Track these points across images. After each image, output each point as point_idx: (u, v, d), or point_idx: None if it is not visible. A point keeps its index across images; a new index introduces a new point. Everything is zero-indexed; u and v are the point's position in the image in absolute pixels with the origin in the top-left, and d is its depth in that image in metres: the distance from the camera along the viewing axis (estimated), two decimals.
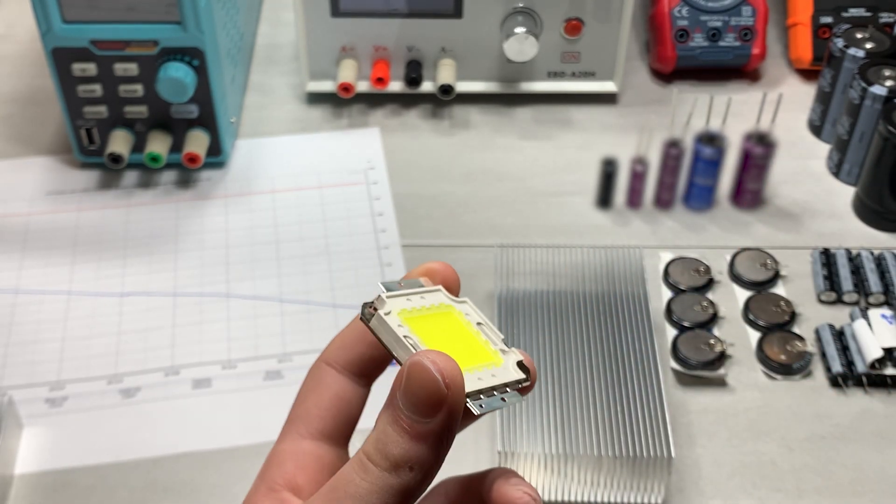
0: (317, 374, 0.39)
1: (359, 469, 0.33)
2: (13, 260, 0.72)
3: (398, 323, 0.35)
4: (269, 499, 0.37)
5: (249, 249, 0.73)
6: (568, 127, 0.83)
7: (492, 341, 0.38)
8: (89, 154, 0.77)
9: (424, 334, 0.36)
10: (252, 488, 0.38)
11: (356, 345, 0.39)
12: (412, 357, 0.33)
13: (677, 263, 0.70)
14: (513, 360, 0.37)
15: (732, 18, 0.83)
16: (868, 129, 0.74)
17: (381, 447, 0.33)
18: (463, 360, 0.35)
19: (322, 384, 0.39)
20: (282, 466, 0.37)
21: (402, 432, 0.32)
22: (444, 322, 0.38)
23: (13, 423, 0.61)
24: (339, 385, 0.39)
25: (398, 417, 0.33)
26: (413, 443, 0.32)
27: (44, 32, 0.70)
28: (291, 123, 0.83)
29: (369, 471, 0.33)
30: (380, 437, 0.33)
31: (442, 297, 0.38)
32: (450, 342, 0.37)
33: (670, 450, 0.56)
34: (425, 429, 0.32)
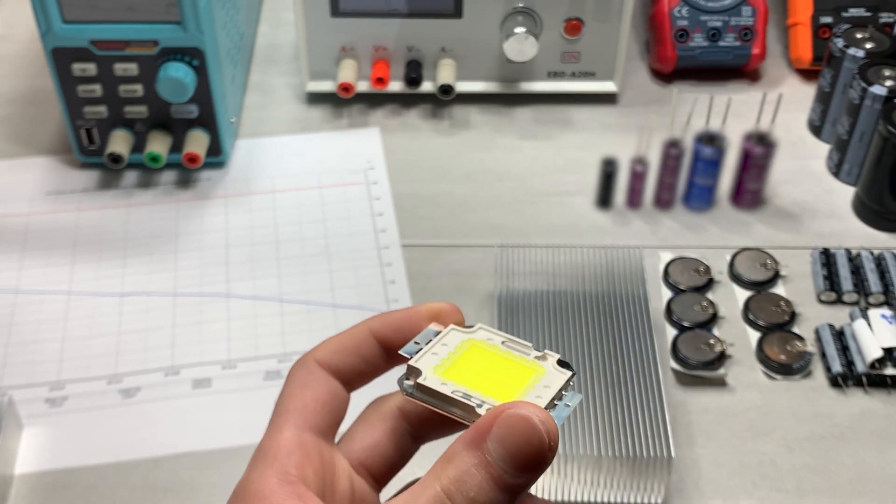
0: (311, 371, 0.38)
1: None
2: (13, 260, 0.72)
3: (440, 382, 0.35)
4: (285, 491, 0.35)
5: (249, 249, 0.73)
6: (568, 127, 0.83)
7: (524, 354, 0.37)
8: (89, 154, 0.77)
9: (467, 379, 0.35)
10: (254, 477, 0.36)
11: (350, 356, 0.39)
12: (521, 408, 0.32)
13: (677, 263, 0.70)
14: (552, 363, 0.37)
15: (732, 18, 0.83)
16: (868, 129, 0.74)
17: (465, 489, 0.32)
18: (513, 386, 0.35)
19: (317, 381, 0.38)
20: (291, 456, 0.36)
21: (489, 480, 0.32)
22: (475, 357, 0.37)
23: (13, 423, 0.61)
24: (333, 385, 0.39)
25: (488, 464, 0.32)
26: (499, 493, 0.32)
27: (44, 32, 0.70)
28: (291, 123, 0.83)
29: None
30: (463, 479, 0.32)
31: (458, 335, 0.38)
32: (492, 375, 0.36)
33: (670, 450, 0.56)
34: (516, 483, 0.32)
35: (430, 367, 0.36)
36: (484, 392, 0.35)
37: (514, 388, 0.34)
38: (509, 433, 0.32)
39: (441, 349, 0.37)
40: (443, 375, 0.35)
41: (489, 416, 0.32)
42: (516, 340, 0.38)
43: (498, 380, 0.35)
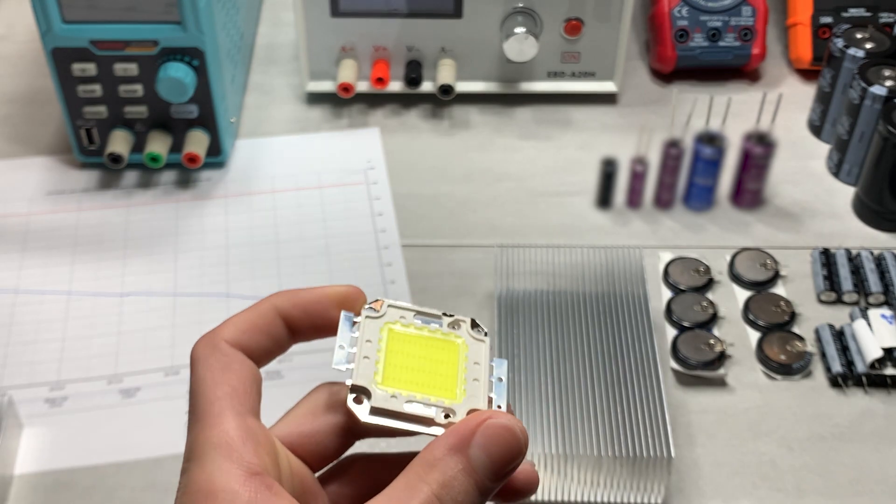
0: (227, 353, 0.36)
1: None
2: (13, 260, 0.72)
3: (389, 396, 0.36)
4: (254, 484, 0.33)
5: (249, 249, 0.73)
6: (568, 127, 0.83)
7: (439, 326, 0.38)
8: (89, 154, 0.77)
9: (406, 380, 0.36)
10: (213, 474, 0.33)
11: (260, 335, 0.38)
12: (496, 418, 0.34)
13: (677, 263, 0.70)
14: (466, 330, 0.38)
15: (732, 18, 0.83)
16: (868, 129, 0.74)
17: (453, 494, 0.33)
18: (449, 374, 0.36)
19: (237, 363, 0.36)
20: (246, 445, 0.34)
21: (474, 485, 0.33)
22: (400, 348, 0.37)
23: (13, 423, 0.61)
24: (251, 365, 0.37)
25: (473, 470, 0.33)
26: (480, 498, 0.33)
27: (44, 32, 0.70)
28: (291, 123, 0.83)
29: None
30: (451, 484, 0.33)
31: (374, 325, 0.38)
32: (425, 365, 0.37)
33: (670, 450, 0.56)
34: (493, 487, 0.34)
35: (371, 379, 0.36)
36: (429, 392, 0.36)
37: (451, 376, 0.36)
38: (493, 442, 0.33)
39: (368, 349, 0.37)
40: (385, 385, 0.36)
41: (471, 424, 0.34)
42: (424, 311, 0.38)
43: (433, 370, 0.36)
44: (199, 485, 0.33)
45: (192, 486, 0.33)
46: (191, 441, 0.34)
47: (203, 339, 0.37)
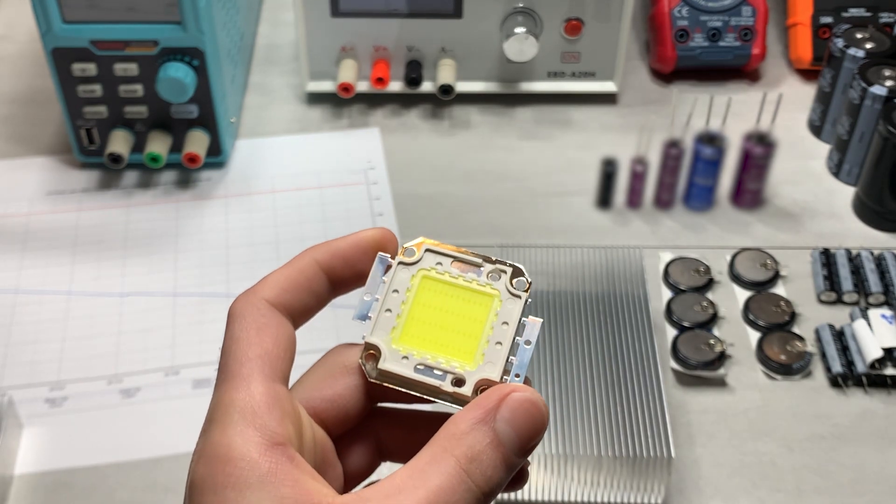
0: (265, 313, 0.35)
1: (461, 485, 0.32)
2: (13, 260, 0.72)
3: (400, 357, 0.34)
4: (275, 455, 0.31)
5: (249, 249, 0.73)
6: (568, 127, 0.83)
7: (476, 276, 0.36)
8: (89, 154, 0.77)
9: (426, 338, 0.35)
10: (233, 438, 0.31)
11: (301, 292, 0.36)
12: (521, 392, 0.33)
13: (677, 263, 0.70)
14: (506, 282, 0.36)
15: (732, 18, 0.83)
16: (868, 129, 0.74)
17: (482, 468, 0.32)
18: (473, 332, 0.35)
19: (275, 324, 0.35)
20: (272, 412, 0.32)
21: (501, 459, 0.32)
22: (429, 299, 0.35)
23: (13, 423, 0.61)
24: (288, 328, 0.36)
25: (500, 444, 0.32)
26: (506, 472, 0.33)
27: (44, 32, 0.70)
28: (291, 123, 0.83)
29: (470, 490, 0.32)
30: (479, 458, 0.32)
31: (406, 273, 0.36)
32: (450, 321, 0.35)
33: (670, 450, 0.56)
34: (517, 462, 0.33)
35: (387, 337, 0.35)
36: (447, 352, 0.34)
37: (475, 335, 0.34)
38: (518, 416, 0.32)
39: (393, 301, 0.35)
40: (401, 342, 0.34)
41: (494, 397, 0.33)
42: (466, 255, 0.36)
43: (457, 327, 0.34)
44: (217, 449, 0.32)
45: (209, 449, 0.32)
46: (215, 401, 0.33)
47: (242, 297, 0.35)
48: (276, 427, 0.32)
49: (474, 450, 0.32)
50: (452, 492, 0.31)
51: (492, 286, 0.36)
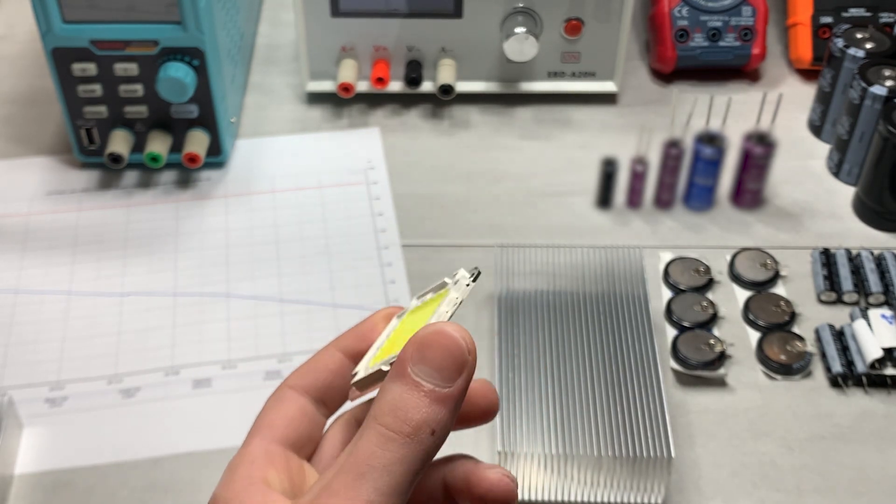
0: (281, 394, 0.40)
1: (379, 440, 0.33)
2: (13, 260, 0.72)
3: (367, 367, 0.37)
4: (248, 492, 0.36)
5: (249, 249, 0.73)
6: (568, 127, 0.83)
7: (437, 291, 0.39)
8: (89, 154, 0.77)
9: (391, 349, 0.37)
10: (221, 488, 0.37)
11: (318, 372, 0.40)
12: (432, 326, 0.34)
13: (677, 263, 0.70)
14: (462, 280, 0.38)
15: (732, 18, 0.83)
16: (868, 129, 0.74)
17: (401, 415, 0.33)
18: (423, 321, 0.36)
19: (286, 400, 0.40)
20: (254, 463, 0.37)
21: (423, 397, 0.33)
22: (402, 328, 0.38)
23: (13, 423, 0.61)
24: (301, 402, 0.40)
25: (417, 384, 0.33)
26: (435, 406, 0.33)
27: (44, 32, 0.70)
28: (291, 123, 0.83)
29: (391, 440, 0.33)
30: (397, 406, 0.33)
31: (396, 321, 0.40)
32: (410, 329, 0.36)
33: (670, 450, 0.56)
34: (446, 393, 0.34)
35: (367, 362, 0.37)
36: (397, 349, 0.36)
37: (421, 325, 0.35)
38: (427, 348, 0.34)
39: (380, 341, 0.38)
40: (375, 360, 0.37)
41: (406, 347, 0.34)
42: (435, 286, 0.39)
43: (412, 328, 0.36)
44: (212, 499, 0.36)
45: (214, 494, 0.37)
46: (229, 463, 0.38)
47: (278, 386, 0.40)
48: (253, 472, 0.37)
49: (391, 402, 0.33)
50: (374, 450, 0.33)
51: (446, 289, 0.38)
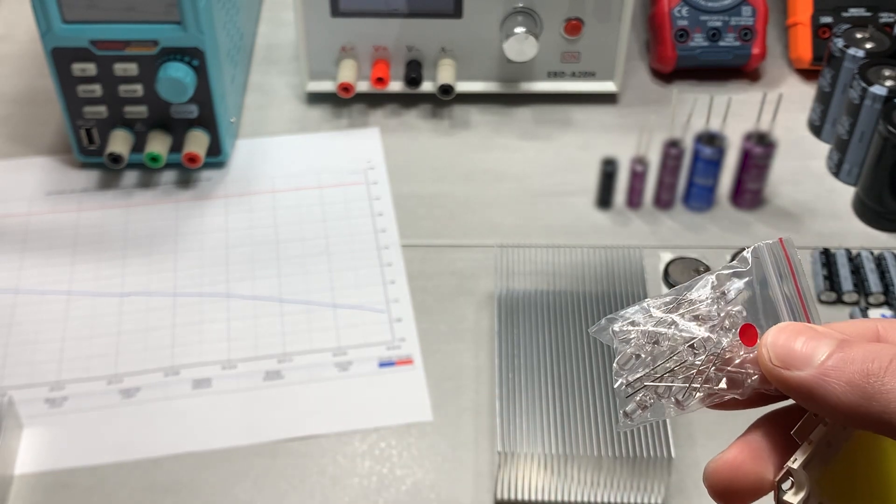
0: None
1: None
2: (13, 260, 0.72)
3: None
4: None
5: (249, 249, 0.73)
6: (568, 127, 0.83)
7: None
8: (89, 154, 0.77)
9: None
10: None
11: None
12: None
13: (677, 263, 0.70)
14: None
15: (732, 18, 0.83)
16: (868, 129, 0.74)
17: None
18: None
19: None
20: None
21: None
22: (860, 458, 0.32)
23: (13, 423, 0.61)
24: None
25: None
26: None
27: (44, 32, 0.70)
28: (291, 123, 0.83)
29: None
30: None
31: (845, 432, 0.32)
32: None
33: (670, 450, 0.56)
34: None
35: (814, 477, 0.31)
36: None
37: None
38: None
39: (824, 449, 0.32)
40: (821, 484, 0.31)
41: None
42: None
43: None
44: None
45: None
46: None
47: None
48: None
49: None
50: None
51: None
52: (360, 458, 0.61)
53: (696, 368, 0.33)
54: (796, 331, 0.32)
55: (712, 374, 0.33)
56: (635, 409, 0.33)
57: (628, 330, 0.33)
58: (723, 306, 0.33)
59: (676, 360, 0.33)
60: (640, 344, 0.33)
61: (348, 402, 0.64)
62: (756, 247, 0.34)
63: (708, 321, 0.33)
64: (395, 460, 0.61)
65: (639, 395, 0.33)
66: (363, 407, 0.64)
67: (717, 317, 0.33)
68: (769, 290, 0.33)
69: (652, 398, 0.33)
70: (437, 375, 0.65)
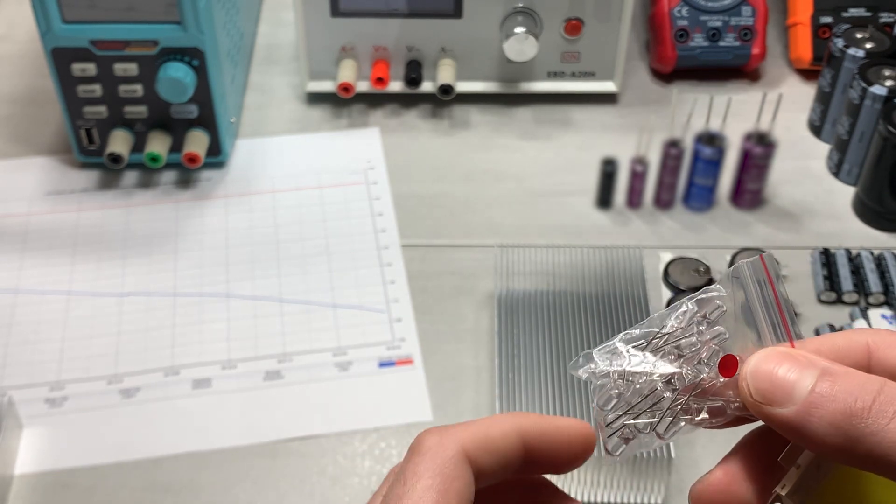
0: (459, 466, 0.32)
1: None
2: (13, 260, 0.72)
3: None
4: None
5: (249, 249, 0.73)
6: (568, 127, 0.83)
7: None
8: (89, 154, 0.77)
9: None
10: None
11: (496, 457, 0.33)
12: None
13: (677, 263, 0.70)
14: None
15: (732, 18, 0.83)
16: (868, 129, 0.74)
17: None
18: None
19: (463, 483, 0.32)
20: None
21: None
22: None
23: (13, 423, 0.61)
24: (472, 489, 0.32)
25: None
26: None
27: (44, 32, 0.70)
28: (291, 123, 0.83)
29: None
30: None
31: None
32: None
33: (670, 450, 0.56)
34: None
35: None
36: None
37: None
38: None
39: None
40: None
41: None
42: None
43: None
44: None
45: None
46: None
47: (437, 433, 0.33)
48: None
49: None
50: None
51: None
52: (360, 458, 0.61)
53: (674, 403, 0.32)
54: (776, 360, 0.31)
55: (693, 406, 0.32)
56: (618, 445, 0.33)
57: (603, 371, 0.33)
58: (703, 331, 0.33)
59: (654, 398, 0.33)
60: (618, 383, 0.33)
61: (348, 402, 0.64)
62: (737, 265, 0.33)
63: (686, 350, 0.33)
64: (395, 460, 0.61)
65: (619, 432, 0.33)
66: (363, 407, 0.64)
67: (697, 343, 0.33)
68: (750, 307, 0.33)
69: (633, 433, 0.33)
70: (437, 375, 0.65)
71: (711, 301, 0.33)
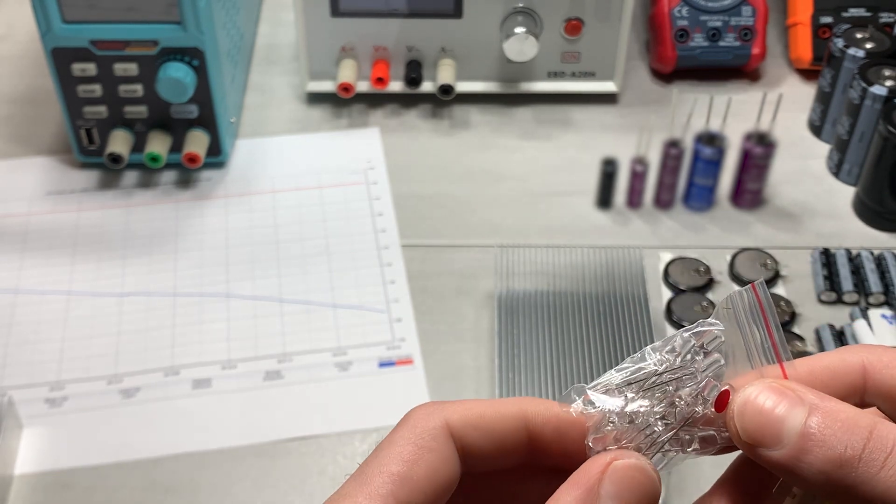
0: (437, 439, 0.31)
1: None
2: (13, 260, 0.72)
3: None
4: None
5: (249, 249, 0.73)
6: (568, 127, 0.83)
7: None
8: (89, 154, 0.77)
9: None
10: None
11: (489, 438, 0.32)
12: (625, 458, 0.30)
13: (677, 263, 0.70)
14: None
15: (732, 18, 0.83)
16: (868, 129, 0.74)
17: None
18: None
19: (439, 455, 0.31)
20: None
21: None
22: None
23: (13, 423, 0.61)
24: (453, 465, 0.32)
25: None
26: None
27: (44, 32, 0.70)
28: (291, 123, 0.83)
29: None
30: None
31: None
32: None
33: None
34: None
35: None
36: None
37: None
38: (625, 489, 0.30)
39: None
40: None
41: (597, 467, 0.30)
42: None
43: None
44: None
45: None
46: (341, 492, 0.31)
47: (427, 407, 0.32)
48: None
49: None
50: None
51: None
52: (360, 458, 0.61)
53: (666, 437, 0.32)
54: (764, 396, 0.30)
55: (684, 437, 0.32)
56: None
57: (596, 409, 0.33)
58: (700, 360, 0.33)
59: (648, 432, 0.32)
60: (611, 421, 0.33)
61: (348, 402, 0.64)
62: (730, 295, 0.33)
63: (681, 385, 0.32)
64: None
65: None
66: (363, 407, 0.64)
67: (693, 376, 0.32)
68: (742, 337, 0.32)
69: None
70: (437, 375, 0.65)
71: (709, 332, 0.33)
